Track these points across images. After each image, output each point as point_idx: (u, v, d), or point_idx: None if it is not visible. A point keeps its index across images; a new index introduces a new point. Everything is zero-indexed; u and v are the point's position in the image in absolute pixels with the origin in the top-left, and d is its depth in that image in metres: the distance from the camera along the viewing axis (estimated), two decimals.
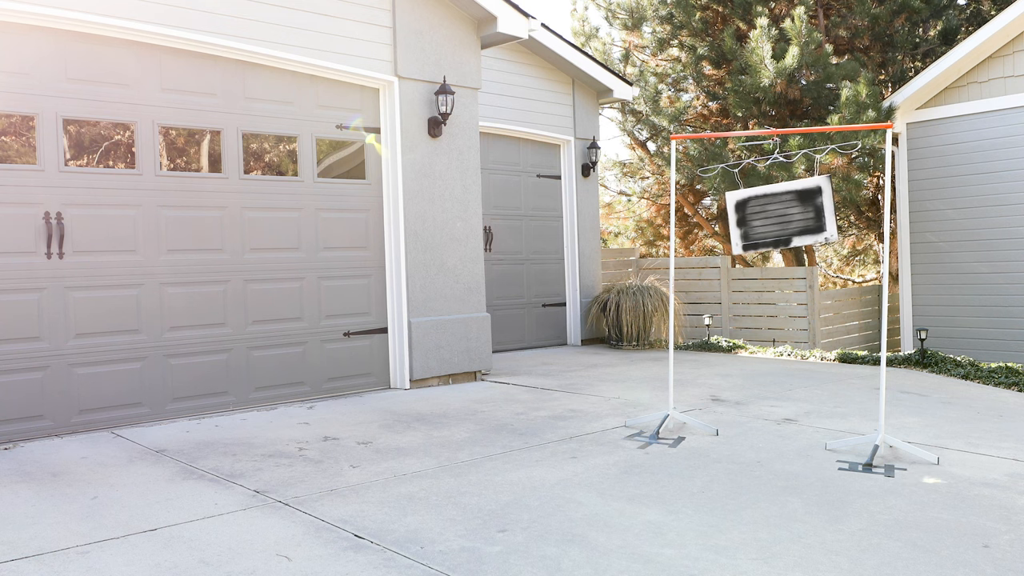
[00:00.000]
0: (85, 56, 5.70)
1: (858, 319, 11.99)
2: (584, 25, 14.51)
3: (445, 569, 3.15)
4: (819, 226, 5.30)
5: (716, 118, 13.71)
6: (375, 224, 7.28)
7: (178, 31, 5.98)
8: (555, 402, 6.59)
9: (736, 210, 5.58)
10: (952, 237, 10.27)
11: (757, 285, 11.11)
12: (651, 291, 10.27)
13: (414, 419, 5.96)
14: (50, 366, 5.52)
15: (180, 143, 6.32)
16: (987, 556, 3.23)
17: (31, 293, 5.46)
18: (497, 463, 4.69)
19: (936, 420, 5.79)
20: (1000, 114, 9.77)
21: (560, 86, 10.62)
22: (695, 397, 6.75)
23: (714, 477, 4.36)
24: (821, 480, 4.28)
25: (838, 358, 9.02)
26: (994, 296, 9.92)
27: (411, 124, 7.37)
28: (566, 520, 3.69)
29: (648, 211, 16.96)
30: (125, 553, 3.34)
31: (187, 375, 6.12)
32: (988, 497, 3.97)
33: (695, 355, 9.72)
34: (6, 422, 5.32)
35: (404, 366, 7.30)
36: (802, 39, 10.64)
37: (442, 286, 7.57)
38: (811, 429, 5.49)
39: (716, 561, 3.21)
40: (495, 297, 9.91)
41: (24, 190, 5.43)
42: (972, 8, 13.04)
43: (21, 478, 4.48)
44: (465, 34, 7.76)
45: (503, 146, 10.16)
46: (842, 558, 3.22)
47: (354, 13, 7.00)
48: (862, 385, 7.28)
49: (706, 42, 12.89)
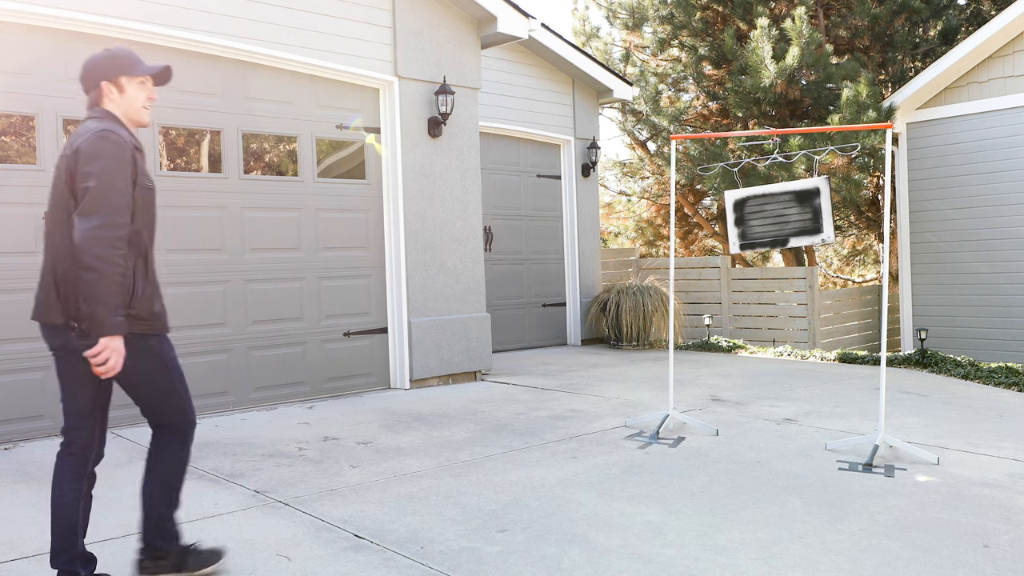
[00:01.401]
0: (85, 56, 5.68)
1: (858, 319, 11.99)
2: (585, 25, 14.52)
3: (445, 569, 3.16)
4: (816, 227, 5.30)
5: (716, 118, 13.72)
6: (375, 224, 7.28)
7: (178, 31, 5.98)
8: (555, 402, 6.59)
9: (734, 209, 5.59)
10: (952, 237, 10.27)
11: (757, 285, 11.11)
12: (651, 291, 10.27)
13: (414, 419, 5.96)
14: (50, 366, 5.52)
15: (180, 143, 6.32)
16: (987, 556, 3.23)
17: (31, 293, 5.46)
18: (497, 463, 4.69)
19: (936, 420, 5.79)
20: (1000, 114, 9.77)
21: (560, 86, 10.62)
22: (695, 397, 6.75)
23: (714, 477, 4.36)
24: (821, 480, 4.28)
25: (838, 358, 9.02)
26: (994, 296, 9.92)
27: (411, 124, 7.37)
28: (566, 520, 3.69)
29: (648, 211, 16.97)
30: (125, 553, 3.33)
31: (187, 375, 6.10)
32: (988, 497, 3.97)
33: (695, 355, 9.72)
34: (6, 422, 5.32)
35: (404, 366, 7.30)
36: (802, 39, 10.64)
37: (442, 286, 7.57)
38: (811, 429, 5.49)
39: (716, 561, 3.21)
40: (495, 297, 9.91)
41: (24, 190, 5.43)
42: (972, 8, 13.04)
43: (21, 478, 4.48)
44: (465, 34, 7.76)
45: (503, 146, 10.16)
46: (842, 558, 3.23)
47: (354, 13, 7.00)
48: (862, 385, 7.28)
49: (706, 42, 12.89)
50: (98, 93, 2.93)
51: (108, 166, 2.75)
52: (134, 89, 2.95)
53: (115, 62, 2.93)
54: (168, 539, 3.05)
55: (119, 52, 2.96)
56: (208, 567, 3.10)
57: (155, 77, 3.02)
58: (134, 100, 2.96)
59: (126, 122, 2.96)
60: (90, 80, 2.94)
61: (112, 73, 2.92)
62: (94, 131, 2.79)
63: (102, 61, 2.93)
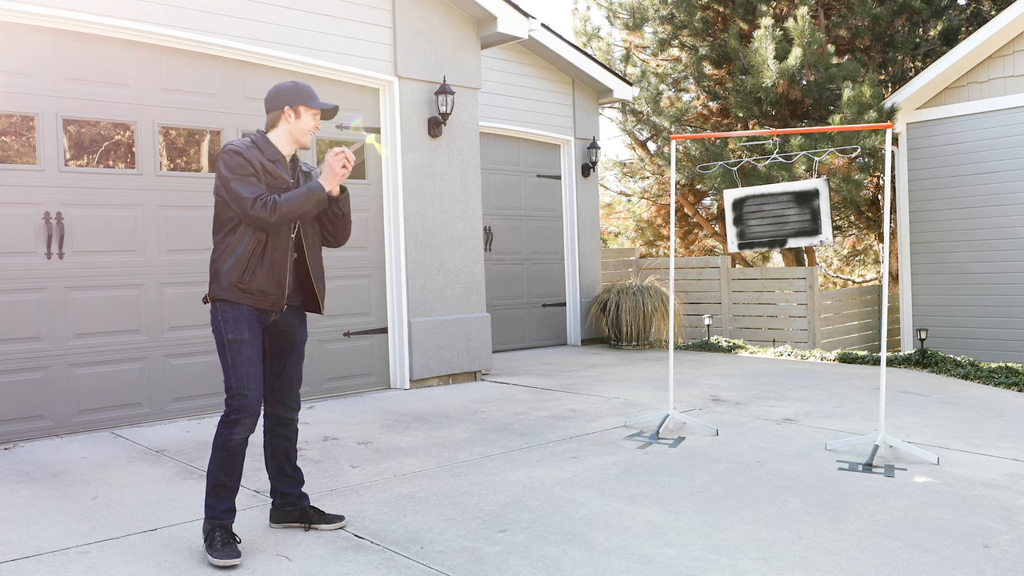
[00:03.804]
0: (85, 56, 5.70)
1: (858, 319, 11.99)
2: (586, 25, 14.52)
3: (445, 569, 3.16)
4: (815, 228, 5.31)
5: (716, 118, 13.72)
6: (375, 224, 7.28)
7: (178, 31, 5.98)
8: (555, 402, 6.59)
9: (733, 208, 5.59)
10: (952, 237, 10.26)
11: (757, 285, 11.11)
12: (651, 291, 10.27)
13: (414, 419, 5.96)
14: (50, 366, 5.52)
15: (180, 143, 6.32)
16: (987, 556, 3.23)
17: (31, 293, 5.46)
18: (497, 463, 4.69)
19: (936, 420, 5.79)
20: (1000, 114, 9.76)
21: (560, 86, 10.62)
22: (695, 397, 6.74)
23: (714, 477, 4.36)
24: (821, 480, 4.28)
25: (838, 358, 9.02)
26: (994, 296, 9.92)
27: (411, 124, 7.37)
28: (566, 520, 3.69)
29: (648, 211, 16.96)
30: (125, 553, 3.34)
31: (187, 375, 6.12)
32: (988, 497, 3.97)
33: (695, 355, 9.72)
34: (6, 422, 5.32)
35: (404, 366, 7.30)
36: (805, 39, 10.64)
37: (442, 286, 7.57)
38: (811, 429, 5.49)
39: (716, 561, 3.21)
40: (495, 297, 9.91)
41: (24, 190, 5.43)
42: (972, 8, 13.04)
43: (21, 478, 4.48)
44: (465, 34, 7.76)
45: (503, 146, 10.16)
46: (842, 558, 3.23)
47: (354, 13, 7.00)
48: (862, 385, 7.28)
49: (707, 42, 12.89)
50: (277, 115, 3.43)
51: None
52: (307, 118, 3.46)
53: (299, 93, 3.42)
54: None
55: (303, 86, 3.46)
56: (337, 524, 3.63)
57: (324, 112, 3.47)
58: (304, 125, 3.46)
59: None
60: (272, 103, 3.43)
61: (295, 101, 3.41)
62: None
63: (288, 90, 3.42)
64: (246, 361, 3.32)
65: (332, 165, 3.34)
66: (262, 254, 3.33)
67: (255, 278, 3.32)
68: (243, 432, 3.31)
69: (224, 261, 3.33)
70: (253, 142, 3.39)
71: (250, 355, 3.33)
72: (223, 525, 3.28)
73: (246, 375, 3.31)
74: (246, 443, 3.36)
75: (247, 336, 3.33)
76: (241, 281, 3.30)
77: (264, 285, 3.34)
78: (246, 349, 3.32)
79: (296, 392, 3.63)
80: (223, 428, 3.32)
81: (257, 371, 3.34)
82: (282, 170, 3.43)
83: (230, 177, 3.26)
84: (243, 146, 3.33)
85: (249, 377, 3.31)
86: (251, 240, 3.31)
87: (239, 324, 3.32)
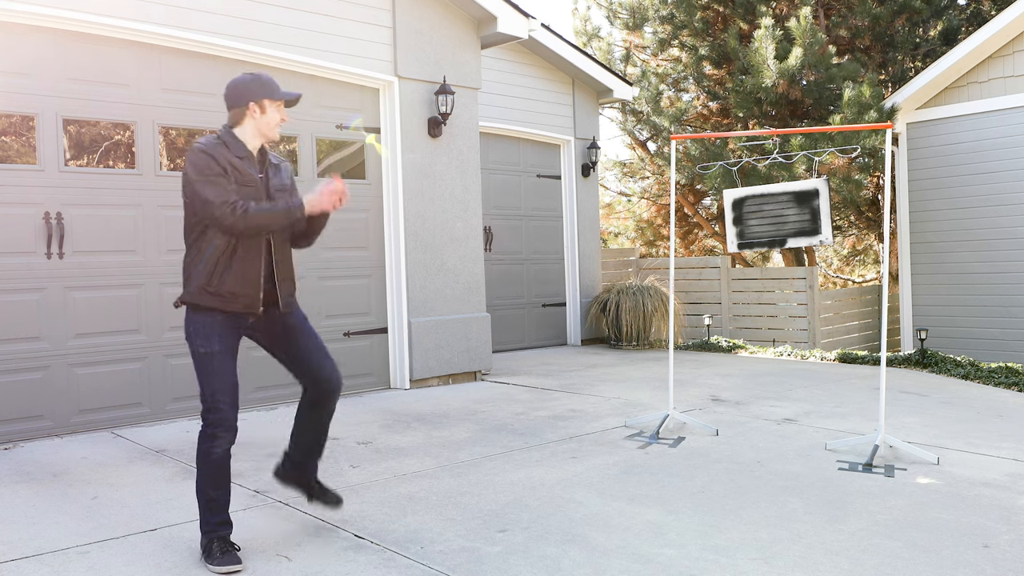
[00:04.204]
0: (85, 56, 5.70)
1: (858, 319, 11.99)
2: (586, 25, 14.52)
3: (445, 569, 3.16)
4: (815, 228, 5.30)
5: (717, 118, 13.72)
6: (375, 224, 7.28)
7: (178, 31, 5.98)
8: (555, 402, 6.59)
9: (733, 208, 5.59)
10: (952, 237, 10.26)
11: (757, 285, 11.11)
12: (651, 291, 10.26)
13: (414, 419, 5.96)
14: (50, 366, 5.52)
15: (180, 143, 6.32)
16: (987, 556, 3.23)
17: (31, 293, 5.46)
18: (497, 463, 4.69)
19: (936, 420, 5.79)
20: (1000, 114, 9.76)
21: (560, 86, 10.62)
22: (695, 397, 6.74)
23: (714, 477, 4.36)
24: (821, 480, 4.28)
25: (838, 358, 9.02)
26: (994, 296, 9.92)
27: (411, 124, 7.37)
28: (566, 520, 3.69)
29: (648, 211, 16.96)
30: (125, 553, 3.34)
31: (188, 375, 6.11)
32: (988, 497, 3.97)
33: (695, 355, 9.72)
34: (6, 422, 5.32)
35: (404, 366, 7.30)
36: (806, 39, 10.64)
37: (442, 286, 7.57)
38: (811, 429, 5.49)
39: (716, 561, 3.21)
40: (495, 297, 9.91)
41: (24, 190, 5.43)
42: (972, 8, 13.03)
43: (21, 478, 4.48)
44: (465, 34, 7.76)
45: (503, 146, 10.16)
46: (842, 558, 3.23)
47: (354, 13, 7.00)
48: (862, 385, 7.28)
49: (707, 42, 12.89)
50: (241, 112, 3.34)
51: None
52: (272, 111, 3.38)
53: (262, 87, 3.35)
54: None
55: (265, 78, 3.38)
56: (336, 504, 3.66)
57: (288, 100, 3.40)
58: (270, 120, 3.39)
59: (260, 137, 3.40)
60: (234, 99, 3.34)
61: (259, 96, 3.33)
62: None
63: (250, 84, 3.34)
64: (218, 374, 3.21)
65: (325, 203, 3.31)
66: (231, 256, 3.24)
67: (224, 281, 3.23)
68: (223, 444, 3.22)
69: (195, 264, 3.25)
70: (220, 139, 3.30)
71: (222, 368, 3.22)
72: (220, 536, 3.23)
73: (220, 388, 3.21)
74: (229, 454, 3.26)
75: (217, 348, 3.23)
76: (209, 284, 3.22)
77: (234, 287, 3.25)
78: (217, 362, 3.22)
79: (321, 360, 3.52)
80: (203, 443, 3.23)
81: (231, 383, 3.24)
82: (250, 167, 3.33)
83: (196, 179, 3.17)
84: (211, 144, 3.25)
85: (223, 391, 3.21)
86: (221, 242, 3.22)
87: (209, 335, 3.23)
